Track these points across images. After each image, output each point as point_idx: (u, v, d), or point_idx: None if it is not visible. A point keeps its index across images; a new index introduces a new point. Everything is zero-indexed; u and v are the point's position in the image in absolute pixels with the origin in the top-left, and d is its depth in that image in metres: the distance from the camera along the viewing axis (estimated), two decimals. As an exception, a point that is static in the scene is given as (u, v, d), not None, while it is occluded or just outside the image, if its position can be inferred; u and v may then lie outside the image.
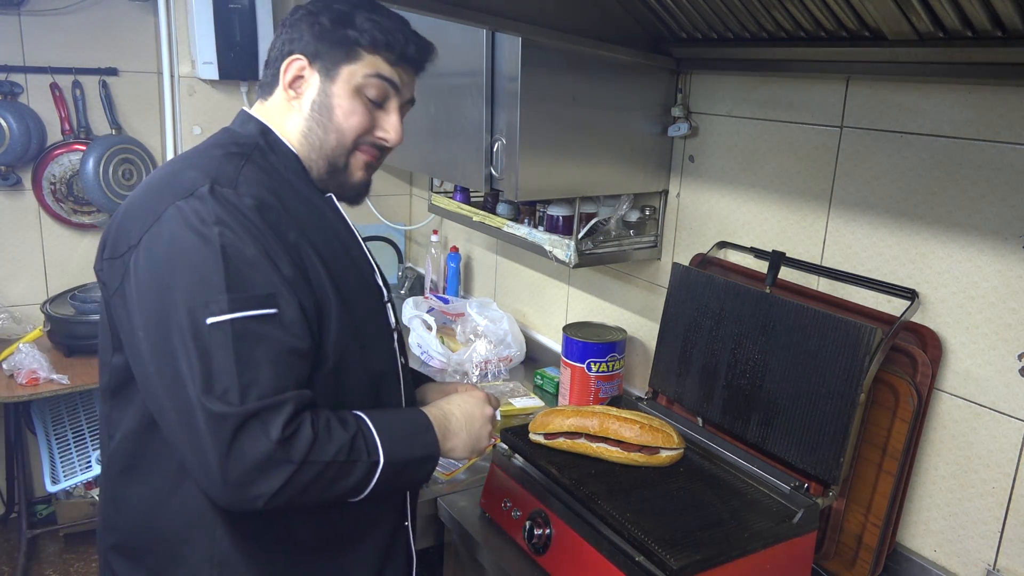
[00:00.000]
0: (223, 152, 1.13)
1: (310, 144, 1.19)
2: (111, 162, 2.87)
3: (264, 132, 1.19)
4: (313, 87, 1.17)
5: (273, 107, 1.21)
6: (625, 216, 1.93)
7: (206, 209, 1.02)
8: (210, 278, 0.99)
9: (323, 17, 1.16)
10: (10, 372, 2.56)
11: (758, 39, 1.51)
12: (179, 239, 1.01)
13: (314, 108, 1.17)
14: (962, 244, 1.36)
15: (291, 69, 1.17)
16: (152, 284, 1.02)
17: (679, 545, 1.25)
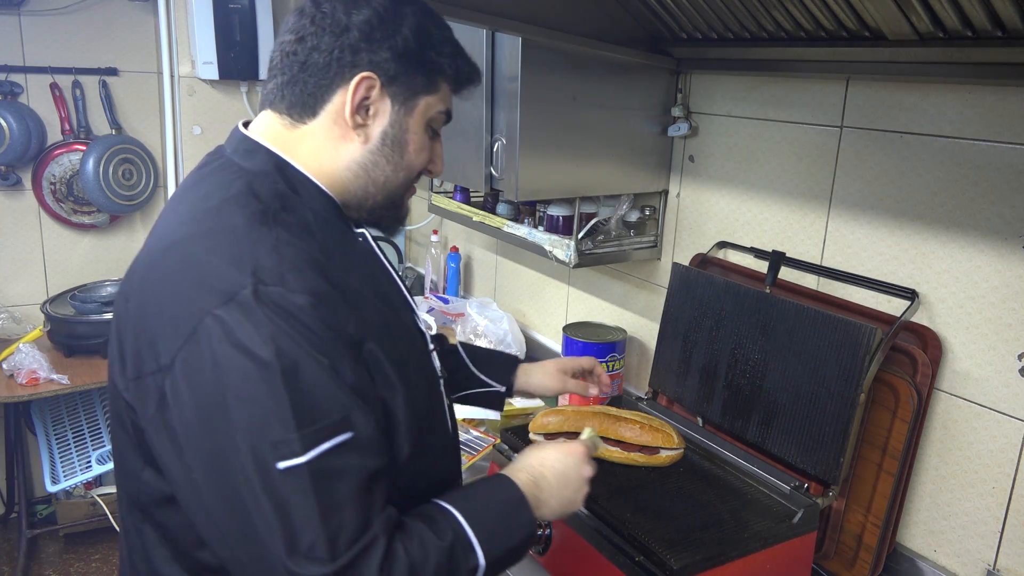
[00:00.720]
0: (246, 217, 0.89)
1: (371, 179, 1.00)
2: (111, 162, 2.87)
3: (280, 168, 0.97)
4: (385, 116, 0.98)
5: (314, 132, 0.98)
6: (625, 216, 1.93)
7: (255, 322, 0.82)
8: (274, 413, 0.81)
9: (405, 31, 0.96)
10: (10, 372, 2.56)
11: (758, 39, 1.51)
12: (228, 366, 0.82)
13: (384, 141, 0.99)
14: (962, 244, 1.36)
15: (360, 90, 0.96)
16: (204, 422, 0.83)
17: (679, 545, 1.25)
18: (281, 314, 0.83)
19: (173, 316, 0.85)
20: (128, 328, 0.91)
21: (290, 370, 0.82)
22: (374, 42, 0.95)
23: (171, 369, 0.84)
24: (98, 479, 2.98)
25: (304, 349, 0.83)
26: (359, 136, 0.98)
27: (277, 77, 0.98)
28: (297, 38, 0.96)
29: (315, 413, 0.83)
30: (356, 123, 0.97)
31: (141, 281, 0.92)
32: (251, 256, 0.86)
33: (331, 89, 0.96)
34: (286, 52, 0.97)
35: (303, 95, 0.97)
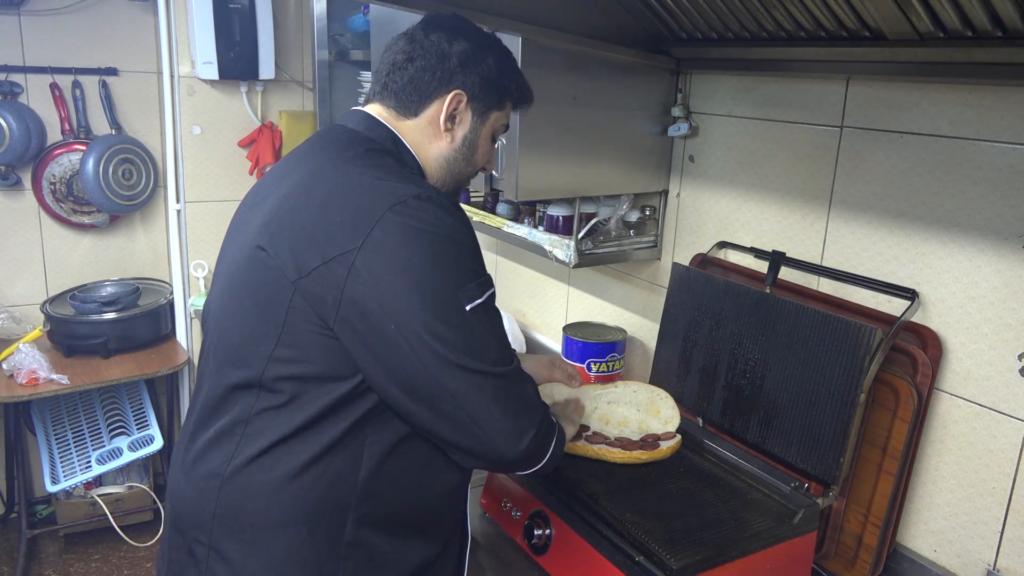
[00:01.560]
0: (391, 162, 1.19)
1: (448, 170, 1.29)
2: (111, 162, 2.87)
3: (396, 142, 1.25)
4: (467, 124, 1.28)
5: (418, 127, 1.26)
6: (625, 216, 1.93)
7: (423, 211, 1.09)
8: (453, 270, 1.10)
9: (489, 62, 1.26)
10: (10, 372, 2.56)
11: (758, 39, 1.51)
12: (411, 240, 1.07)
13: (464, 144, 1.28)
14: (962, 244, 1.36)
15: (453, 103, 1.25)
16: (396, 284, 1.06)
17: (679, 545, 1.25)
18: (440, 206, 1.11)
19: (352, 217, 1.08)
20: (286, 238, 1.12)
21: (454, 238, 1.10)
22: (467, 68, 1.24)
23: (359, 251, 1.06)
24: (98, 479, 2.98)
25: (459, 226, 1.12)
26: (447, 137, 1.27)
27: (386, 82, 1.27)
28: (407, 58, 1.24)
29: (478, 269, 1.13)
30: (446, 127, 1.26)
31: (294, 205, 1.14)
32: (411, 181, 1.14)
33: (431, 99, 1.25)
34: (397, 65, 1.25)
35: (408, 100, 1.25)
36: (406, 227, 1.07)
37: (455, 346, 1.07)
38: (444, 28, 1.25)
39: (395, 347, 1.06)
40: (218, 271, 1.28)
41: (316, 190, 1.14)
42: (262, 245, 1.14)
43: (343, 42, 2.95)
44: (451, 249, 1.10)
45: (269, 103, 3.15)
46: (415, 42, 1.25)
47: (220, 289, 1.24)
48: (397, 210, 1.07)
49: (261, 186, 1.29)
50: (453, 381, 1.07)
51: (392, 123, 1.26)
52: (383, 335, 1.06)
